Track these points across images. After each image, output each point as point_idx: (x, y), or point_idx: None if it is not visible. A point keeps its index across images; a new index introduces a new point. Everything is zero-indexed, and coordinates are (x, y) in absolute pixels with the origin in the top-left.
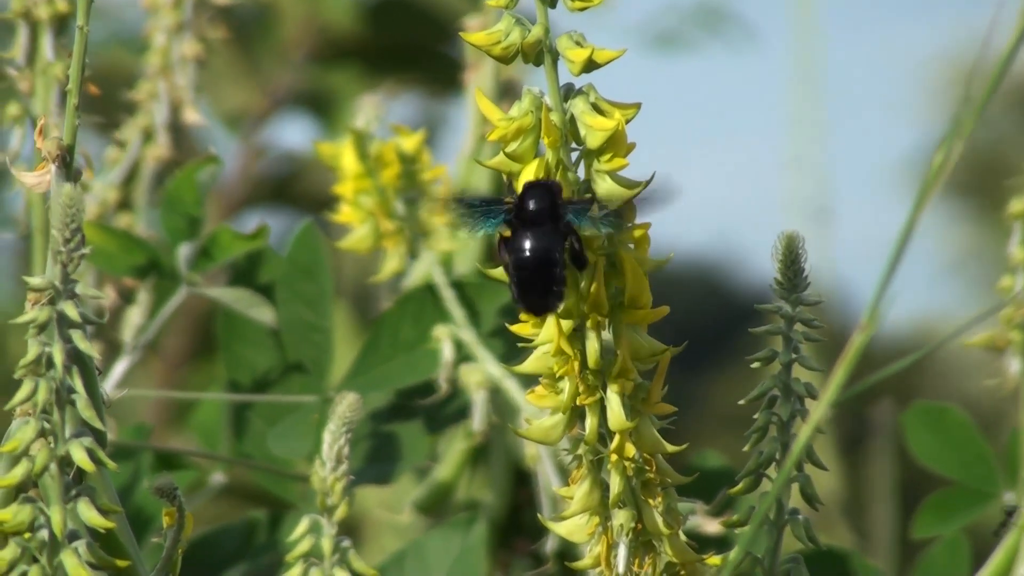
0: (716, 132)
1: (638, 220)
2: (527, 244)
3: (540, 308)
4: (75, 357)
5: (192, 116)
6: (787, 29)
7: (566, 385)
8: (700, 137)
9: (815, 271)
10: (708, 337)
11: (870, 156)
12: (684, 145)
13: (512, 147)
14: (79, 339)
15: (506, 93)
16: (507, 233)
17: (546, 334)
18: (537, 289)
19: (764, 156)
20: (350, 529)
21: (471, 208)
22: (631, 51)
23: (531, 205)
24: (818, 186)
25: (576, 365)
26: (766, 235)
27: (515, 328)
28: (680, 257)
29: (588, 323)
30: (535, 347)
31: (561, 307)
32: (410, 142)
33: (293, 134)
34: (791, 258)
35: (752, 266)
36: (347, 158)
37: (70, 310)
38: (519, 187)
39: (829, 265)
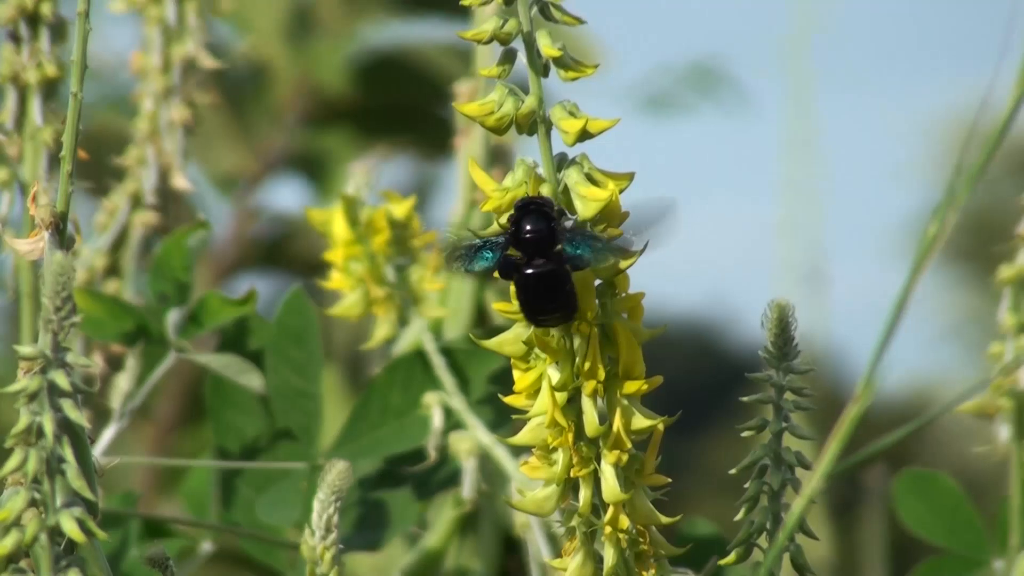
0: (711, 194)
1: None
2: (532, 267)
3: (553, 323)
4: (65, 426)
5: (181, 182)
6: (781, 91)
7: (560, 456)
8: (695, 199)
9: (809, 334)
10: (701, 398)
11: (868, 219)
12: (679, 207)
13: (505, 218)
14: (69, 408)
15: (497, 159)
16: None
17: (540, 406)
18: (548, 307)
19: (759, 218)
20: None
21: (465, 246)
22: (624, 113)
23: (528, 226)
24: (812, 249)
25: (571, 436)
26: (760, 297)
27: (508, 400)
28: (674, 318)
29: (584, 391)
30: (529, 418)
31: (575, 317)
32: (401, 208)
33: (286, 197)
34: (781, 326)
35: (746, 328)
36: (338, 224)
37: (61, 379)
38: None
39: (823, 328)
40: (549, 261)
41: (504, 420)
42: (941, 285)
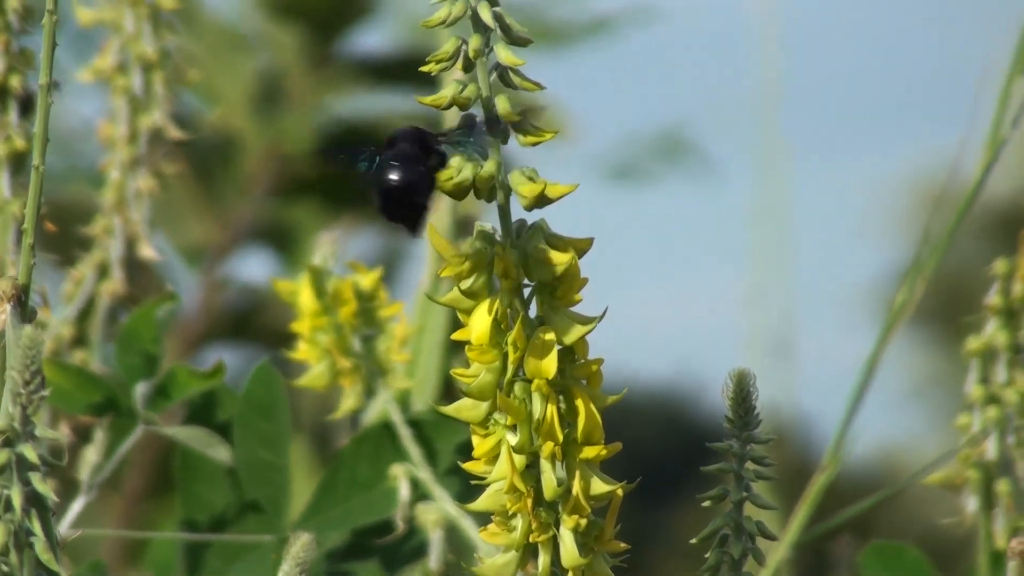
0: (678, 263)
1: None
2: (389, 170)
3: (407, 226)
4: (33, 499)
5: (147, 251)
6: (748, 159)
7: (519, 522)
8: (662, 268)
9: (776, 403)
10: (671, 468)
11: (837, 284)
12: (645, 276)
13: (466, 284)
14: (37, 482)
15: (464, 228)
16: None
17: (499, 471)
18: (401, 210)
19: (726, 288)
20: None
21: (347, 154)
22: (591, 182)
23: (397, 142)
24: (780, 318)
25: (530, 501)
26: (729, 366)
27: (467, 466)
28: (641, 388)
29: (542, 455)
30: (488, 484)
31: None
32: (367, 279)
33: (254, 267)
34: (742, 396)
35: (714, 398)
36: (304, 295)
37: (29, 453)
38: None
39: (790, 397)
40: (405, 176)
41: (471, 491)
42: (908, 347)
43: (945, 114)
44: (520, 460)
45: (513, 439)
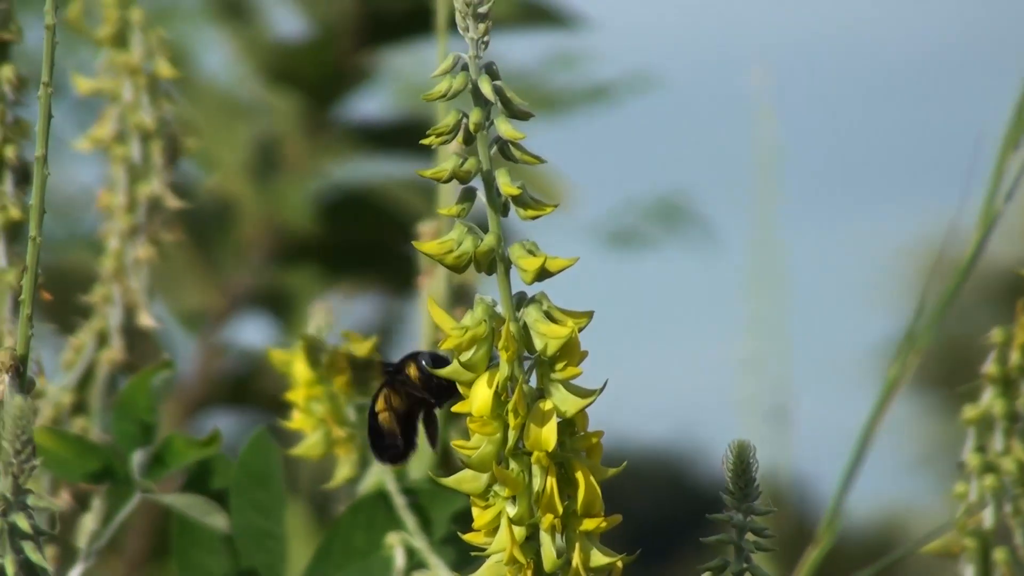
0: (676, 329)
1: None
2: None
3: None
4: (27, 568)
5: (146, 319)
6: (746, 225)
7: None
8: (660, 334)
9: (774, 470)
10: (669, 532)
11: (835, 350)
12: (644, 341)
13: (465, 356)
14: (31, 551)
15: (460, 298)
16: None
17: (499, 543)
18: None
19: (726, 353)
20: None
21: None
22: (590, 249)
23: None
24: (777, 384)
25: (529, 573)
26: (728, 431)
27: (467, 537)
28: (641, 451)
29: (542, 526)
30: (487, 556)
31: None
32: (362, 348)
33: (252, 333)
34: (742, 466)
35: (711, 462)
36: (299, 365)
37: (21, 522)
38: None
39: (788, 464)
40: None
41: (467, 560)
42: (914, 414)
43: (944, 181)
44: (520, 532)
45: (512, 510)
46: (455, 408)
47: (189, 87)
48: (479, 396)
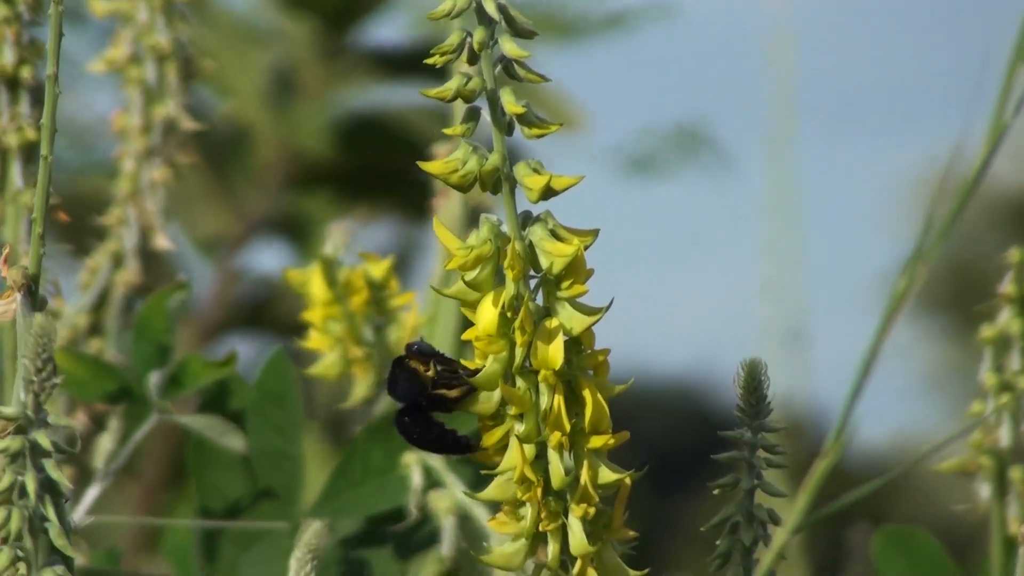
0: (696, 255)
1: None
2: (394, 419)
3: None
4: (47, 486)
5: (162, 241)
6: (762, 151)
7: (528, 511)
8: (680, 261)
9: (790, 394)
10: (687, 459)
11: (849, 274)
12: (663, 268)
13: (471, 276)
14: (51, 468)
15: (476, 220)
16: None
17: (509, 461)
18: (427, 446)
19: (741, 279)
20: None
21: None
22: (608, 175)
23: (390, 383)
24: (794, 309)
25: (539, 491)
26: (742, 358)
27: (475, 456)
28: (659, 379)
29: (550, 444)
30: (498, 473)
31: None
32: (378, 269)
33: (268, 259)
34: (753, 385)
35: (729, 388)
36: (316, 285)
37: (42, 440)
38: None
39: (804, 388)
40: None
41: (483, 478)
42: (920, 337)
43: (958, 103)
44: (530, 450)
45: (520, 428)
46: (464, 336)
47: (205, 13)
48: (485, 314)
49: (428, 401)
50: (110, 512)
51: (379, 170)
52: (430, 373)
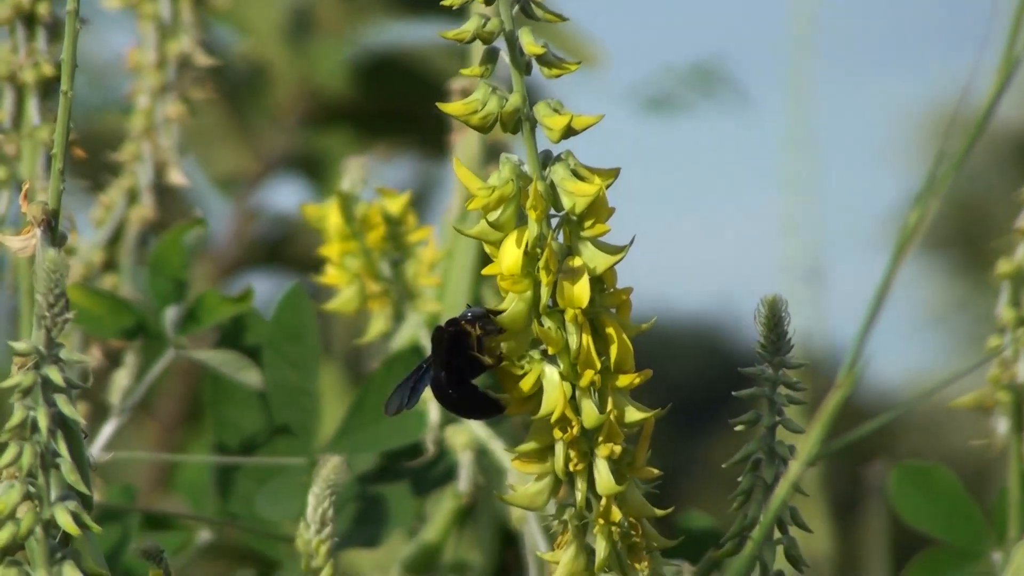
0: (714, 193)
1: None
2: (433, 388)
3: (487, 417)
4: (60, 421)
5: (176, 177)
6: (781, 89)
7: (559, 451)
8: (699, 199)
9: (809, 332)
10: (705, 398)
11: (863, 211)
12: (681, 207)
13: (493, 216)
14: (63, 403)
15: (494, 156)
16: None
17: (549, 404)
18: (463, 411)
19: (760, 217)
20: None
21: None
22: (625, 114)
23: (432, 353)
24: (811, 247)
25: (576, 430)
26: (762, 295)
27: (509, 412)
28: (678, 319)
29: (581, 383)
30: (539, 418)
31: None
32: (395, 204)
33: (286, 197)
34: (774, 322)
35: (749, 327)
36: (333, 220)
37: (54, 375)
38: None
39: (822, 326)
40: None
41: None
42: (926, 273)
43: (970, 39)
44: (568, 389)
45: (552, 371)
46: (485, 271)
47: None
48: (509, 254)
49: (471, 366)
50: (126, 450)
51: (397, 108)
52: (475, 334)
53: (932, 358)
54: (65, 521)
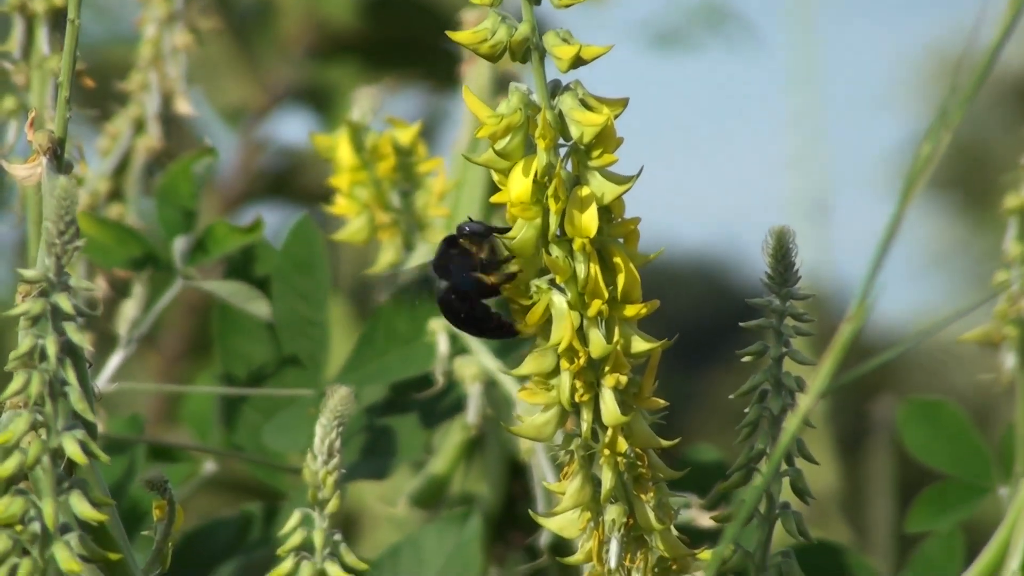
0: (718, 130)
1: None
2: (439, 297)
3: (495, 337)
4: (68, 349)
5: (183, 107)
6: (787, 27)
7: (565, 381)
8: (702, 135)
9: (814, 269)
10: (709, 334)
11: (867, 150)
12: (685, 143)
13: (501, 144)
14: (72, 331)
15: (504, 87)
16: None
17: (558, 334)
18: (471, 329)
19: (765, 154)
20: (347, 522)
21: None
22: (632, 49)
23: (439, 259)
24: (816, 184)
25: (582, 361)
26: (771, 226)
27: (521, 333)
28: (681, 255)
29: (589, 312)
30: (548, 348)
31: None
32: (405, 135)
33: (293, 129)
34: (781, 253)
35: (753, 263)
36: (343, 150)
37: (64, 302)
38: (512, 185)
39: (828, 262)
40: (455, 290)
41: (509, 345)
42: (926, 214)
43: None
44: (576, 318)
45: (560, 300)
46: (493, 199)
47: None
48: (517, 182)
49: (476, 287)
50: (131, 381)
51: (404, 40)
52: (482, 255)
53: (933, 298)
54: (73, 450)
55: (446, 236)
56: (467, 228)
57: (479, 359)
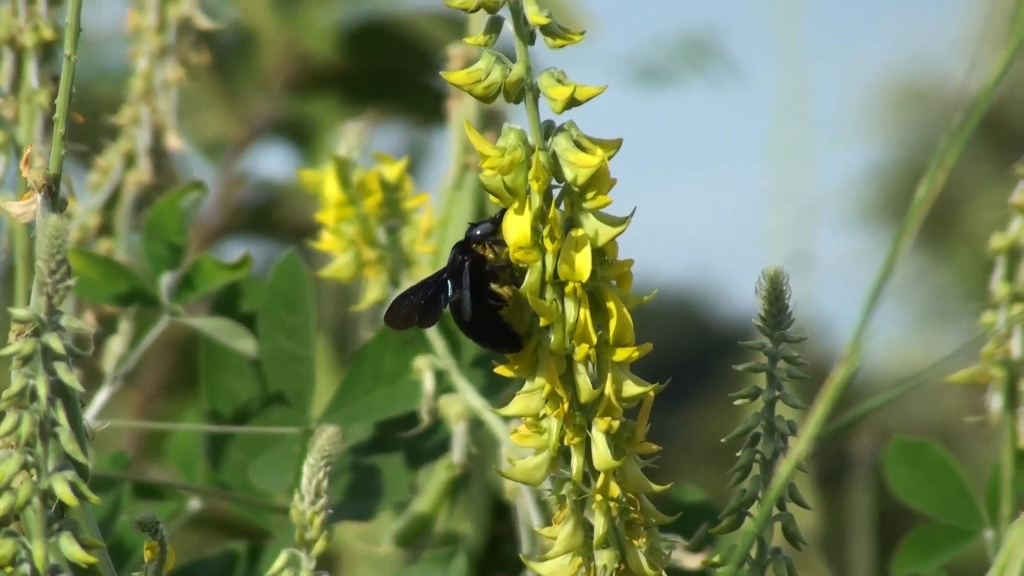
0: (699, 166)
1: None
2: (451, 303)
3: (503, 350)
4: (59, 389)
5: (174, 141)
6: (770, 62)
7: (553, 425)
8: (682, 171)
9: (796, 305)
10: (686, 369)
11: (836, 181)
12: (665, 178)
13: (509, 179)
14: (63, 372)
15: (490, 122)
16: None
17: (542, 377)
18: (483, 341)
19: (744, 189)
20: (328, 561)
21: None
22: (614, 84)
23: (449, 268)
24: (798, 221)
25: (566, 406)
26: (746, 268)
27: (499, 370)
28: (660, 288)
29: (576, 356)
30: (530, 390)
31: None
32: (392, 170)
33: (272, 163)
34: (775, 295)
35: (731, 298)
36: (329, 185)
37: (55, 343)
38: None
39: (809, 300)
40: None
41: (495, 384)
42: (882, 245)
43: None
44: (558, 363)
45: (549, 342)
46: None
47: None
48: (514, 226)
49: (488, 294)
50: (111, 419)
51: (385, 74)
52: (493, 258)
53: (890, 330)
54: (63, 492)
55: (456, 243)
56: (477, 231)
57: (465, 397)
